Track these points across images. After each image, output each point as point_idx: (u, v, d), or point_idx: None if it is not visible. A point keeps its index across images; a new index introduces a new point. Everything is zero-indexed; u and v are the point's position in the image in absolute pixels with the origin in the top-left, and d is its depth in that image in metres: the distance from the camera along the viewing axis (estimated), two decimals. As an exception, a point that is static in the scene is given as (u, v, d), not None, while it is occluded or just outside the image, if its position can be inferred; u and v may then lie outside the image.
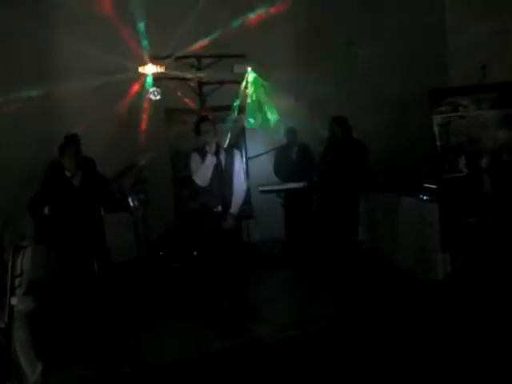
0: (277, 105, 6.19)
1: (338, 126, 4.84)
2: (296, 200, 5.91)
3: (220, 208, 3.76)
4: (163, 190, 5.95)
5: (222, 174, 3.71)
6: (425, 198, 4.88)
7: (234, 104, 5.75)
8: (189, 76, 5.78)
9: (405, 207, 5.21)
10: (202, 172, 3.75)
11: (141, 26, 5.43)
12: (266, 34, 6.27)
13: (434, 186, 4.85)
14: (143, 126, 5.67)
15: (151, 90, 5.51)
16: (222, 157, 3.83)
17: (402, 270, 5.11)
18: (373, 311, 4.11)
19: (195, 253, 4.94)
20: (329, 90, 6.28)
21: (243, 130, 6.10)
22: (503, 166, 4.43)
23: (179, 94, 5.74)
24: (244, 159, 5.95)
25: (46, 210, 3.32)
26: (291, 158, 6.09)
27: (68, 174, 3.50)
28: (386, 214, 5.54)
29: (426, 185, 5.08)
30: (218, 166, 3.67)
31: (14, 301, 2.82)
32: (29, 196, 3.64)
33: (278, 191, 6.13)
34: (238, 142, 6.02)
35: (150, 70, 5.57)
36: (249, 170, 6.03)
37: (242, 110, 5.89)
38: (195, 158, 3.88)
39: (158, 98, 5.56)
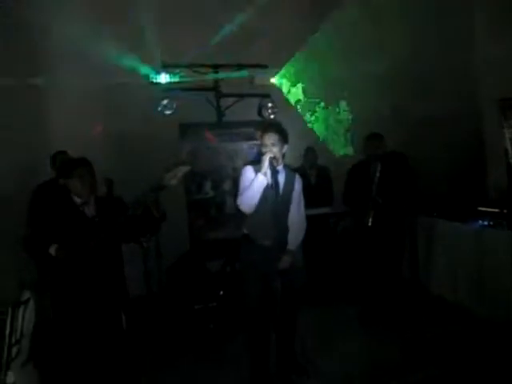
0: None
1: (378, 142, 4.19)
2: (319, 227, 5.27)
3: (270, 242, 3.01)
4: (175, 215, 5.20)
5: (278, 200, 2.94)
6: (485, 223, 4.25)
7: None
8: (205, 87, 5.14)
9: (457, 235, 4.55)
10: (250, 195, 2.94)
11: (152, 31, 4.82)
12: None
13: (496, 210, 4.25)
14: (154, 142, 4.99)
15: (164, 102, 4.84)
16: (282, 178, 3.10)
17: (455, 307, 4.44)
18: (444, 361, 3.43)
19: (221, 292, 4.17)
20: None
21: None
22: None
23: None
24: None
25: (52, 251, 2.52)
26: (309, 181, 5.48)
27: (78, 200, 2.73)
28: (431, 242, 4.88)
29: (481, 209, 4.48)
30: (273, 188, 2.91)
31: (10, 378, 2.03)
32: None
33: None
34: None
35: (162, 79, 4.91)
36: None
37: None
38: (250, 173, 3.03)
39: (171, 111, 4.89)
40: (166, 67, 4.88)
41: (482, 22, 5.76)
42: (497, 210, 4.19)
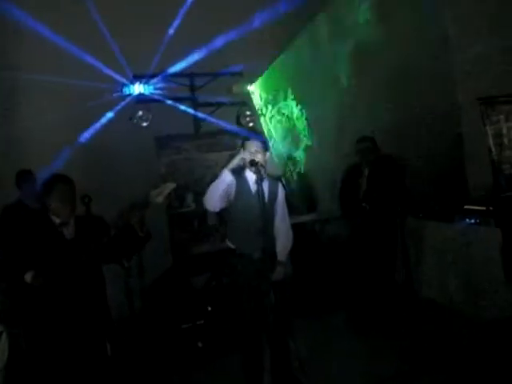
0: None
1: (370, 146, 4.13)
2: (305, 234, 5.20)
3: (258, 254, 2.88)
4: (157, 231, 5.00)
5: (265, 209, 2.81)
6: (473, 222, 4.23)
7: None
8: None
9: (444, 234, 4.53)
10: (213, 189, 2.84)
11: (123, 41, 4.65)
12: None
13: (482, 208, 4.23)
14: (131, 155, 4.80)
15: (139, 113, 4.66)
16: (265, 187, 2.98)
17: (446, 308, 4.39)
18: (446, 364, 3.35)
19: (209, 308, 3.99)
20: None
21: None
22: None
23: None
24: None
25: (28, 278, 2.30)
26: (291, 188, 5.44)
27: (56, 221, 2.53)
28: (419, 244, 4.83)
29: (467, 207, 4.46)
30: (259, 197, 2.79)
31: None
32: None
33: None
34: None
35: (135, 90, 4.74)
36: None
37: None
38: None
39: (147, 123, 4.72)
40: (138, 77, 4.71)
41: (457, 21, 5.82)
42: (483, 208, 4.16)
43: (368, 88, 5.82)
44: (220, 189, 2.82)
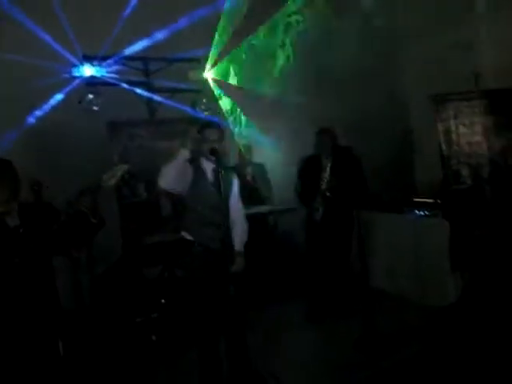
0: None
1: (327, 137, 4.15)
2: (260, 226, 5.20)
3: (216, 245, 2.82)
4: (107, 221, 4.78)
5: (222, 198, 2.75)
6: (422, 213, 4.41)
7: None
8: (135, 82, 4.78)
9: (395, 226, 4.69)
10: (169, 165, 2.71)
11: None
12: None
13: (430, 200, 4.42)
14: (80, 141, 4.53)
15: (89, 97, 4.41)
16: (221, 177, 2.91)
17: (397, 297, 4.55)
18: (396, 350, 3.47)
19: (163, 301, 3.88)
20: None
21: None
22: (504, 175, 4.10)
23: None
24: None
25: None
26: (246, 179, 5.39)
27: (-5, 209, 2.30)
28: (371, 235, 4.96)
29: (417, 200, 4.64)
30: (218, 186, 2.73)
31: None
32: None
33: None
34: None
35: (86, 72, 4.49)
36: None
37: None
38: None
39: (98, 107, 4.48)
40: (88, 59, 4.46)
41: (405, 21, 6.01)
42: (431, 201, 4.35)
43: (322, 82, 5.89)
44: (175, 166, 2.71)
